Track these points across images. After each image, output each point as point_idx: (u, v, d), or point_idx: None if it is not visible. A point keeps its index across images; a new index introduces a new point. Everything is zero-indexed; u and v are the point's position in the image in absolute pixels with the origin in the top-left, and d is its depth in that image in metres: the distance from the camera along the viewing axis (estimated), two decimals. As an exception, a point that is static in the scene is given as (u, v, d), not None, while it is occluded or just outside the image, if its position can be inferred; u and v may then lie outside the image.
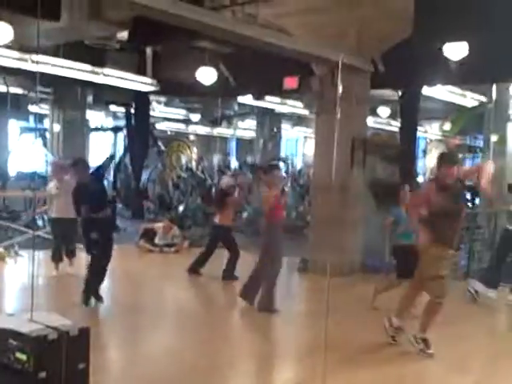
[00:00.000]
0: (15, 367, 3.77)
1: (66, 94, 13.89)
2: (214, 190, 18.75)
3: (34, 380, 3.72)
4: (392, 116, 16.18)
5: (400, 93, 11.36)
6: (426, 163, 18.52)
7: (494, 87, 13.21)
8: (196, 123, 21.66)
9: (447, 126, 14.40)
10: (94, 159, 23.64)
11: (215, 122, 20.23)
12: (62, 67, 10.95)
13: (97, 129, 22.25)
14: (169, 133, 23.36)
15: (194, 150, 23.76)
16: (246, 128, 23.76)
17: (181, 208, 16.42)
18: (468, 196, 12.59)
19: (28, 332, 3.81)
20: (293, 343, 6.75)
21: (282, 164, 20.13)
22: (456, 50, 8.05)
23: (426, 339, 5.97)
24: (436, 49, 8.22)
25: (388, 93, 13.62)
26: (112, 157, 14.06)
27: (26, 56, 9.98)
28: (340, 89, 6.98)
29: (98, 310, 7.41)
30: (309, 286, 9.89)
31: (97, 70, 11.57)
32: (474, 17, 8.12)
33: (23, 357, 3.74)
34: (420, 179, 17.80)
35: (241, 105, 18.25)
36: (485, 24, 8.14)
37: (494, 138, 15.68)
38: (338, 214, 9.55)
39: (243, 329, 7.50)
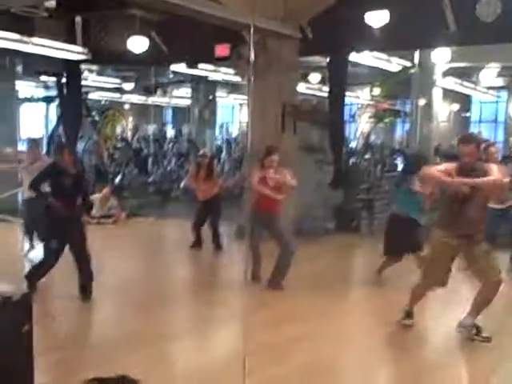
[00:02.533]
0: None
1: (-7, 64, 13.51)
2: (150, 159, 18.83)
3: (-21, 343, 3.87)
4: (323, 82, 16.53)
5: (328, 59, 11.64)
6: (359, 128, 18.99)
7: (417, 53, 13.73)
8: (130, 92, 21.45)
9: (376, 91, 14.86)
10: (26, 131, 23.30)
11: (149, 91, 20.07)
12: (-11, 36, 10.72)
13: (27, 99, 21.72)
14: (103, 102, 23.04)
15: (130, 119, 23.58)
16: (181, 96, 23.69)
17: (117, 179, 16.40)
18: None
19: (-28, 298, 3.96)
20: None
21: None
22: (377, 18, 8.37)
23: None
24: (360, 16, 8.52)
25: (319, 59, 13.90)
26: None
27: (-50, 25, 9.73)
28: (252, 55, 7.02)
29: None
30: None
31: (25, 39, 11.32)
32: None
33: (-33, 322, 3.89)
34: (353, 144, 18.38)
35: (175, 73, 18.19)
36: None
37: (421, 102, 16.31)
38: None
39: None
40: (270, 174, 7.20)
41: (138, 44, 10.98)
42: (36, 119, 24.45)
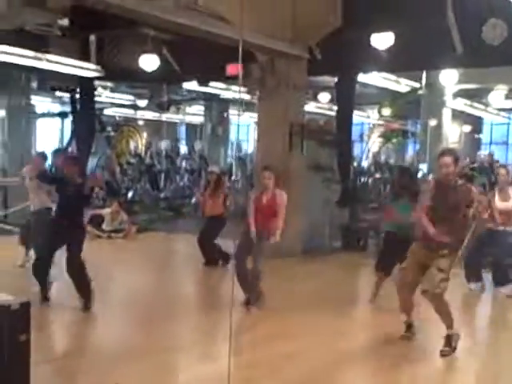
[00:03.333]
0: (-41, 340, 4.01)
1: (9, 79, 13.84)
2: (162, 175, 19.02)
3: (-22, 352, 3.96)
4: (332, 101, 16.66)
5: (336, 79, 11.78)
6: (369, 147, 19.06)
7: (424, 74, 13.84)
8: (144, 109, 21.72)
9: (386, 111, 14.97)
10: (42, 145, 23.62)
11: (163, 108, 20.32)
12: (5, 53, 10.97)
13: (43, 114, 22.07)
14: (117, 118, 23.33)
15: (144, 135, 23.81)
16: (195, 113, 23.92)
17: (129, 194, 16.58)
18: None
19: (-29, 307, 4.06)
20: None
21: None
22: (382, 40, 8.50)
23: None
24: (366, 38, 8.66)
25: (329, 79, 14.04)
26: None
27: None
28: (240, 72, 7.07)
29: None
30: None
31: (40, 55, 11.59)
32: (401, 7, 8.54)
33: (-33, 330, 3.99)
34: (364, 163, 18.44)
35: (188, 90, 18.42)
36: (412, 14, 8.59)
37: (431, 122, 16.38)
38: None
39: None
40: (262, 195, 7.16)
41: (149, 62, 11.20)
42: (52, 134, 24.79)
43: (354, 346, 6.07)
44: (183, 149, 24.45)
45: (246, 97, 17.50)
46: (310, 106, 17.02)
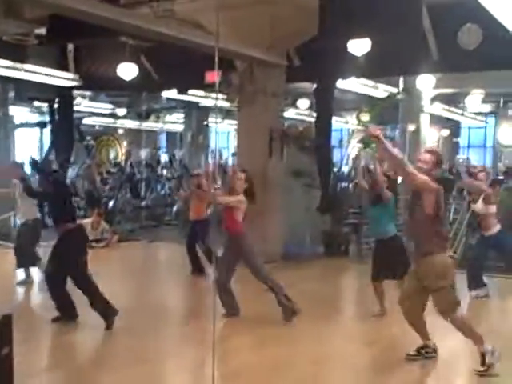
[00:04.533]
0: None
1: (-14, 90, 13.75)
2: (143, 184, 18.94)
3: (-43, 365, 3.90)
4: (312, 107, 16.76)
5: (315, 86, 11.85)
6: (349, 152, 19.15)
7: (402, 79, 13.99)
8: (124, 117, 21.65)
9: (364, 117, 15.05)
10: (20, 155, 23.40)
11: (142, 116, 20.30)
12: (-19, 63, 10.92)
13: (22, 125, 21.90)
14: (97, 127, 23.23)
15: (124, 144, 23.74)
16: (174, 121, 23.89)
17: (110, 203, 16.48)
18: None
19: (-48, 319, 4.00)
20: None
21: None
22: (359, 46, 8.59)
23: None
24: (343, 45, 8.74)
25: (308, 85, 14.11)
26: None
27: None
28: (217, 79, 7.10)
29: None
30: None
31: (17, 65, 11.52)
32: (377, 13, 8.61)
33: None
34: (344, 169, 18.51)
35: (168, 98, 18.40)
36: (388, 20, 8.66)
37: (410, 127, 16.52)
38: (258, 202, 9.90)
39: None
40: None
41: (128, 70, 11.15)
42: (30, 144, 24.60)
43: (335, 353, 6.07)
44: (163, 157, 24.37)
45: (225, 104, 17.58)
46: (290, 113, 17.09)
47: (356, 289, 9.79)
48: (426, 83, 12.58)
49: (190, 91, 15.60)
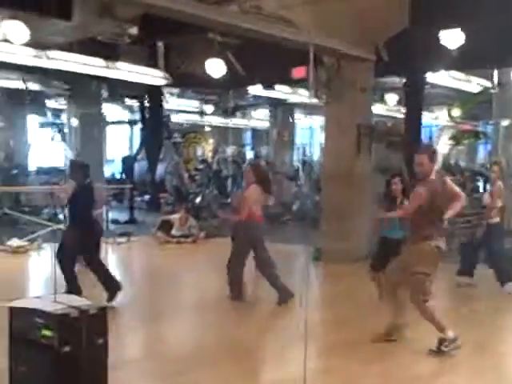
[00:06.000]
0: (42, 342, 4.14)
1: (81, 88, 14.19)
2: (229, 181, 19.18)
3: (59, 353, 4.05)
4: (400, 103, 16.36)
5: (404, 80, 11.57)
6: (439, 149, 18.61)
7: (496, 72, 13.40)
8: (211, 114, 21.93)
9: (456, 112, 14.55)
10: (112, 152, 24.30)
11: (229, 113, 20.51)
12: (77, 63, 11.32)
13: (113, 122, 22.64)
14: (185, 124, 23.64)
15: (210, 141, 24.06)
16: (260, 118, 23.98)
17: (197, 199, 16.76)
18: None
19: (53, 311, 4.17)
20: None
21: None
22: (452, 38, 8.28)
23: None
24: (435, 37, 8.46)
25: (396, 80, 13.81)
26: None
27: (42, 53, 10.36)
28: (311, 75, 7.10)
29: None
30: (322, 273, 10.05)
31: (110, 64, 11.89)
32: (472, 3, 8.28)
33: (49, 333, 4.09)
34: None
35: (254, 95, 18.48)
36: (483, 10, 8.31)
37: (504, 122, 15.82)
38: (346, 200, 9.80)
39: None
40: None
41: (216, 67, 11.28)
42: (121, 141, 25.41)
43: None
44: (249, 154, 24.54)
45: (312, 100, 17.47)
46: (377, 108, 16.74)
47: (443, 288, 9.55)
48: (523, 76, 12.03)
49: (277, 87, 15.58)
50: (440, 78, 12.41)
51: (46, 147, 18.67)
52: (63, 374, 4.12)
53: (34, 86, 14.69)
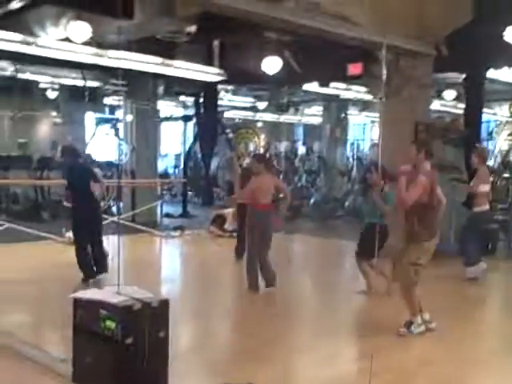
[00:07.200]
0: (105, 334, 4.23)
1: (138, 85, 14.42)
2: (281, 176, 19.17)
3: (122, 345, 4.14)
4: (458, 99, 16.02)
5: (464, 76, 11.33)
6: (497, 145, 18.17)
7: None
8: (263, 110, 21.95)
9: (516, 108, 14.19)
10: (165, 147, 24.63)
11: (282, 109, 20.48)
12: (135, 61, 11.49)
13: (167, 118, 22.92)
14: (237, 120, 23.76)
15: (262, 136, 24.11)
16: (313, 114, 23.87)
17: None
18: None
19: (116, 303, 4.25)
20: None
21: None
22: (515, 34, 8.08)
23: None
24: (498, 32, 8.25)
25: (453, 76, 13.52)
26: None
27: (103, 52, 10.56)
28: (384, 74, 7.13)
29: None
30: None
31: (167, 62, 12.03)
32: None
33: (112, 325, 4.18)
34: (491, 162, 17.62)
35: (307, 91, 18.41)
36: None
37: None
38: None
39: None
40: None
41: (272, 65, 11.30)
42: (174, 137, 25.72)
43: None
44: (301, 150, 24.48)
45: (367, 97, 17.30)
46: (435, 104, 16.43)
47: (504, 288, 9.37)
48: None
49: (331, 84, 15.46)
50: (501, 73, 12.09)
51: (102, 143, 19.04)
52: (125, 365, 4.19)
53: (92, 84, 15.00)
